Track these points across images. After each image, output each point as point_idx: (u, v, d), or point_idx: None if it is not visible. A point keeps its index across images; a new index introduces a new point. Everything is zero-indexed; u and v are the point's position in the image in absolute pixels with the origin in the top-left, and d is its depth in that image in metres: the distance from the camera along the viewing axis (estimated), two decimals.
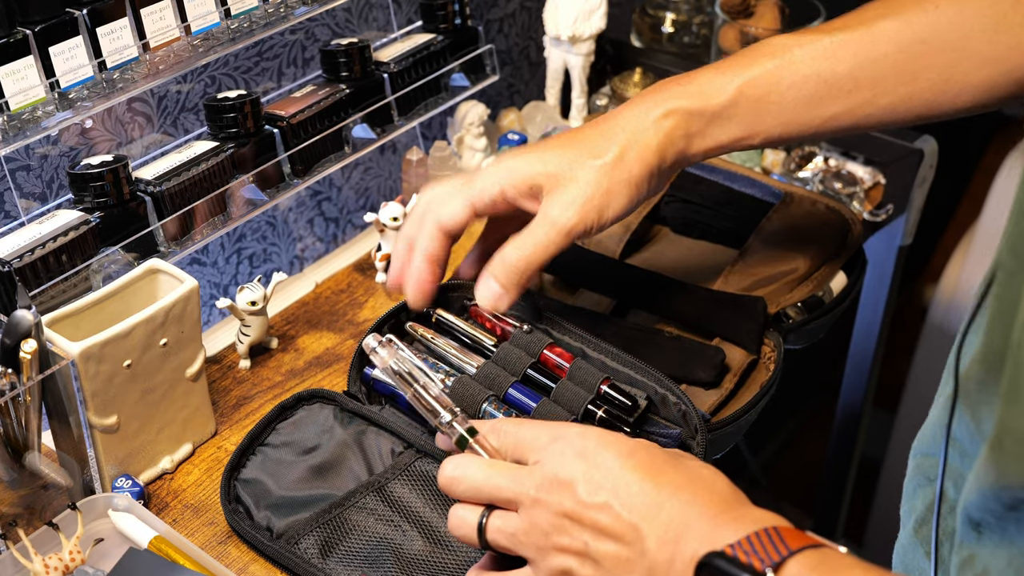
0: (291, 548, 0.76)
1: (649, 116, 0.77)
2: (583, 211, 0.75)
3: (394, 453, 0.83)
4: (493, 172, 0.77)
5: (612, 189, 0.75)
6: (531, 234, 0.76)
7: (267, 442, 0.84)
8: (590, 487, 0.59)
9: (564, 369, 0.83)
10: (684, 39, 1.49)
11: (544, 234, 0.75)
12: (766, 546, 0.53)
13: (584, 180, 0.75)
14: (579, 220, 0.75)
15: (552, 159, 0.76)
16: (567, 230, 0.75)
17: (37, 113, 0.85)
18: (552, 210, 0.75)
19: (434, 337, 0.91)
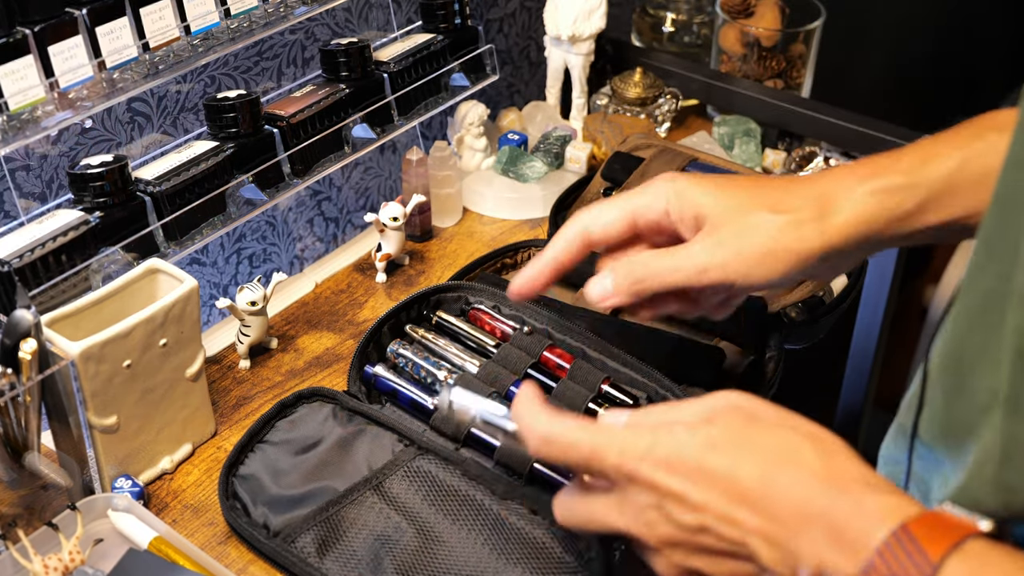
0: (288, 546, 0.76)
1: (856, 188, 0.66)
2: (729, 261, 0.66)
3: (393, 451, 0.82)
4: (663, 188, 0.69)
5: (775, 251, 0.66)
6: (669, 255, 0.68)
7: (266, 439, 0.84)
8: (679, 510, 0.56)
9: (565, 369, 0.83)
10: (684, 39, 1.49)
11: (679, 264, 0.67)
12: (903, 562, 0.48)
13: (748, 231, 0.66)
14: (721, 266, 0.66)
15: (726, 197, 0.67)
16: (703, 270, 0.66)
17: (37, 113, 0.85)
18: (699, 247, 0.67)
19: (435, 338, 0.91)
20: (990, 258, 0.50)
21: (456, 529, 0.76)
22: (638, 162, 1.09)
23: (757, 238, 0.66)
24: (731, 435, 0.56)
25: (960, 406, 0.54)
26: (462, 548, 0.75)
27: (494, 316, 0.94)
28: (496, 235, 1.15)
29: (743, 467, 0.55)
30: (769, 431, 0.56)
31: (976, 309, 0.52)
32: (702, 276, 0.67)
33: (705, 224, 0.67)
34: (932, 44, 2.12)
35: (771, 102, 1.27)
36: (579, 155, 1.21)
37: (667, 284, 0.68)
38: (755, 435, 0.56)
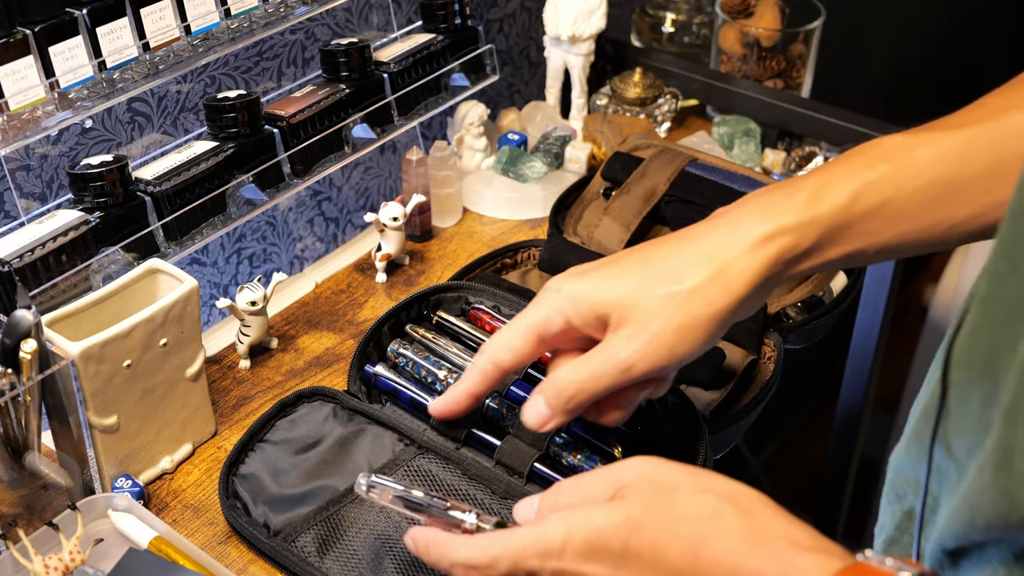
0: (288, 545, 0.76)
1: (745, 239, 0.65)
2: (648, 349, 0.65)
3: (394, 450, 0.82)
4: (555, 300, 0.68)
5: (686, 324, 0.65)
6: (588, 363, 0.67)
7: (267, 438, 0.84)
8: None
9: None
10: (684, 39, 1.49)
11: (601, 366, 0.66)
12: None
13: (654, 313, 0.65)
14: (642, 358, 0.65)
15: (619, 284, 0.67)
16: (626, 368, 0.66)
17: (37, 113, 0.85)
18: (615, 344, 0.66)
19: (435, 338, 0.91)
20: (1014, 269, 0.49)
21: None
22: (638, 162, 1.09)
23: (665, 318, 0.65)
24: (650, 511, 0.55)
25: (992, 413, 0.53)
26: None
27: (494, 316, 0.94)
28: (496, 235, 1.15)
29: (670, 542, 0.54)
30: (687, 499, 0.55)
31: (1002, 319, 0.51)
32: (628, 373, 0.66)
33: (610, 321, 0.66)
34: (932, 44, 2.12)
35: (771, 102, 1.27)
36: (579, 155, 1.21)
37: (598, 391, 0.67)
38: (674, 507, 0.55)
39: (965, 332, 0.54)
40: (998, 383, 0.51)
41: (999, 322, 0.51)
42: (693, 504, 0.55)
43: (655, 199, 1.05)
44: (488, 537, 0.60)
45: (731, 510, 0.54)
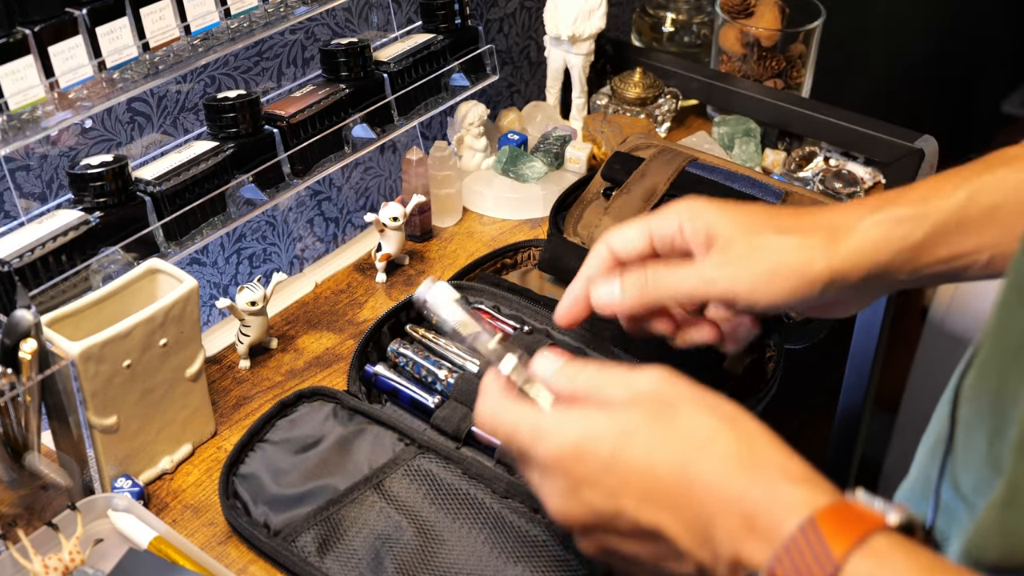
0: (288, 545, 0.76)
1: (866, 217, 0.67)
2: (734, 279, 0.67)
3: (394, 450, 0.82)
4: (679, 207, 0.71)
5: (779, 272, 0.66)
6: (677, 272, 0.69)
7: (267, 438, 0.84)
8: (596, 495, 0.57)
9: None
10: (684, 39, 1.49)
11: (686, 279, 0.69)
12: (807, 559, 0.48)
13: (755, 251, 0.67)
14: (724, 283, 0.67)
15: (738, 218, 0.69)
16: (708, 284, 0.68)
17: (37, 113, 0.85)
18: (708, 265, 0.68)
19: (435, 337, 0.91)
20: (1019, 299, 0.49)
21: (456, 528, 0.76)
22: (638, 162, 1.08)
23: (764, 257, 0.67)
24: (647, 422, 0.56)
25: (998, 450, 0.53)
26: (462, 547, 0.75)
27: (494, 316, 0.94)
28: (496, 235, 1.15)
29: (660, 454, 0.55)
30: (688, 417, 0.56)
31: (1012, 351, 0.51)
32: (708, 288, 0.68)
33: (716, 243, 0.68)
34: (932, 44, 2.12)
35: (771, 102, 1.27)
36: (579, 155, 1.21)
37: (674, 294, 0.70)
38: (673, 422, 0.56)
39: (975, 366, 0.54)
40: (1006, 418, 0.50)
41: (1009, 354, 0.50)
42: (692, 424, 0.56)
43: (655, 199, 1.05)
44: (504, 403, 0.62)
45: (729, 434, 0.55)
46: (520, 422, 0.61)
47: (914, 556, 0.48)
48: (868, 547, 0.48)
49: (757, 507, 0.51)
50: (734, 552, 0.52)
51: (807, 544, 0.49)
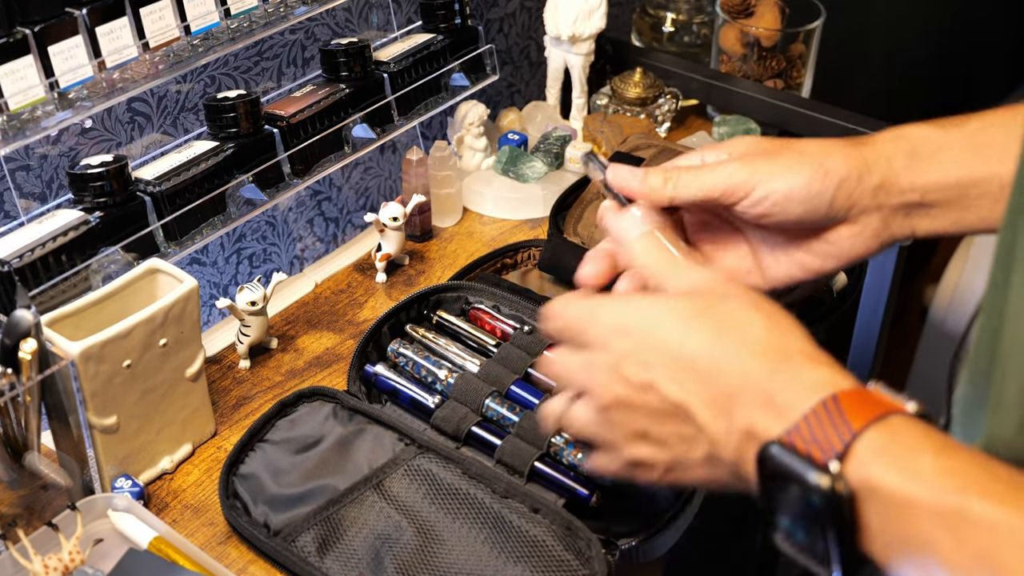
0: (288, 545, 0.76)
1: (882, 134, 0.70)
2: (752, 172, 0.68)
3: (394, 450, 0.82)
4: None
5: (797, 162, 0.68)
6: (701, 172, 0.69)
7: (267, 438, 0.84)
8: (634, 366, 0.59)
9: None
10: (684, 39, 1.49)
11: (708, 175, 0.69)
12: (826, 428, 0.50)
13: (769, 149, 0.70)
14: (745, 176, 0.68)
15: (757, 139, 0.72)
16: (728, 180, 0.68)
17: (37, 113, 0.85)
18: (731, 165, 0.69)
19: (435, 337, 0.91)
20: (1007, 280, 0.50)
21: (456, 528, 0.76)
22: (638, 162, 1.08)
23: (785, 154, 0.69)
24: (687, 307, 0.60)
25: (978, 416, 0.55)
26: (462, 547, 0.75)
27: (494, 316, 0.94)
28: (496, 235, 1.15)
29: (692, 335, 0.58)
30: (728, 304, 0.59)
31: (998, 328, 0.52)
32: (729, 179, 0.68)
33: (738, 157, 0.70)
34: (932, 44, 2.12)
35: (771, 102, 1.27)
36: (579, 155, 1.21)
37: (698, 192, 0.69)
38: (711, 308, 0.59)
39: (973, 343, 0.55)
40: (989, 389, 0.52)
41: (995, 331, 0.52)
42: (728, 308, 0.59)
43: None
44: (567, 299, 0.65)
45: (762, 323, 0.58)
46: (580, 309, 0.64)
47: (928, 434, 0.50)
48: (885, 423, 0.50)
49: (779, 385, 0.53)
50: (749, 423, 0.54)
51: (827, 415, 0.50)
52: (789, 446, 0.51)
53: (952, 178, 0.68)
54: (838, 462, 0.49)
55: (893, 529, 0.48)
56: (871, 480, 0.49)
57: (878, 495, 0.49)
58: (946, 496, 0.47)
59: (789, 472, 0.50)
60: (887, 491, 0.48)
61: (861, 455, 0.49)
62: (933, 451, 0.49)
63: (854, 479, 0.49)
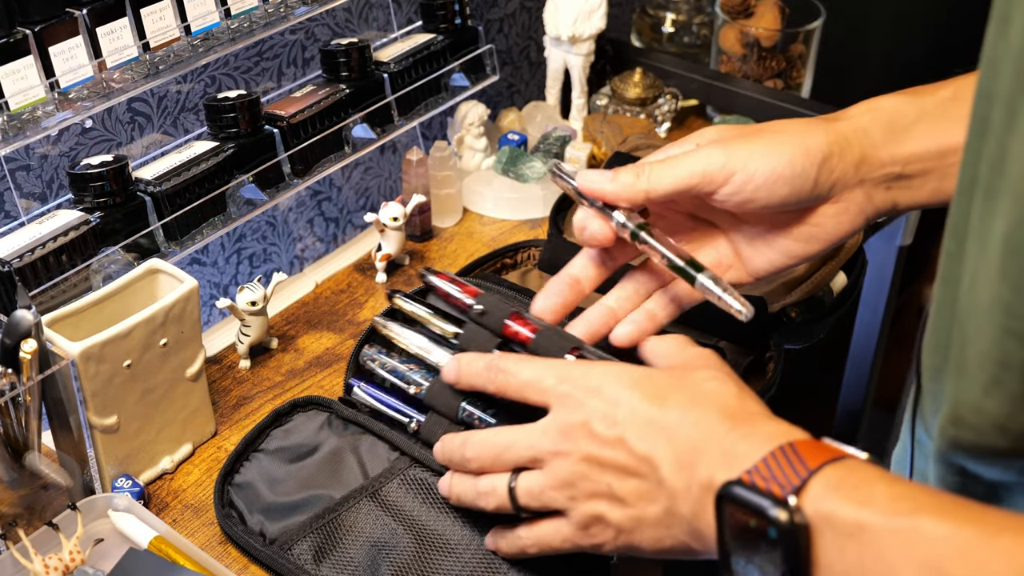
0: (284, 554, 0.76)
1: (857, 107, 0.70)
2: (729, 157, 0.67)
3: (389, 459, 0.82)
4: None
5: (777, 142, 0.67)
6: (676, 161, 0.68)
7: (262, 448, 0.84)
8: (603, 423, 0.61)
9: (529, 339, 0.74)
10: (684, 39, 1.49)
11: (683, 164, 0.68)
12: (784, 468, 0.52)
13: (752, 135, 0.69)
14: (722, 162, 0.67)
15: (726, 127, 0.72)
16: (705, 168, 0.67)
17: (37, 113, 0.85)
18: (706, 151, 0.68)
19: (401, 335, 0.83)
20: (960, 250, 0.52)
21: (453, 535, 0.76)
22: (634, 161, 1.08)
23: (763, 137, 0.68)
24: (660, 379, 0.62)
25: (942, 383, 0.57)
26: (460, 554, 0.75)
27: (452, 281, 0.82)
28: (496, 235, 1.15)
29: (667, 400, 0.60)
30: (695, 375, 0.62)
31: (950, 297, 0.53)
32: (706, 166, 0.67)
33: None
34: (932, 43, 2.12)
35: (771, 102, 1.27)
36: (579, 155, 1.21)
37: (674, 183, 0.68)
38: (681, 381, 0.62)
39: (932, 313, 0.57)
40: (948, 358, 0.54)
41: (952, 301, 0.53)
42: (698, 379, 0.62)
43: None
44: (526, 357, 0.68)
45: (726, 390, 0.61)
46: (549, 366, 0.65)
47: (879, 471, 0.52)
48: (840, 462, 0.52)
49: (738, 439, 0.56)
50: (709, 475, 0.56)
51: (784, 457, 0.53)
52: (750, 484, 0.53)
53: (931, 147, 0.68)
54: (795, 496, 0.51)
55: (849, 558, 0.50)
56: (827, 512, 0.50)
57: (834, 525, 0.50)
58: (899, 519, 0.48)
59: (749, 507, 0.52)
60: (842, 520, 0.50)
61: (817, 490, 0.51)
62: (886, 481, 0.51)
63: (811, 512, 0.51)
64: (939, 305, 0.55)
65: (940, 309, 0.55)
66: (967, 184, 0.51)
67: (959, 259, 0.52)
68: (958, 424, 0.52)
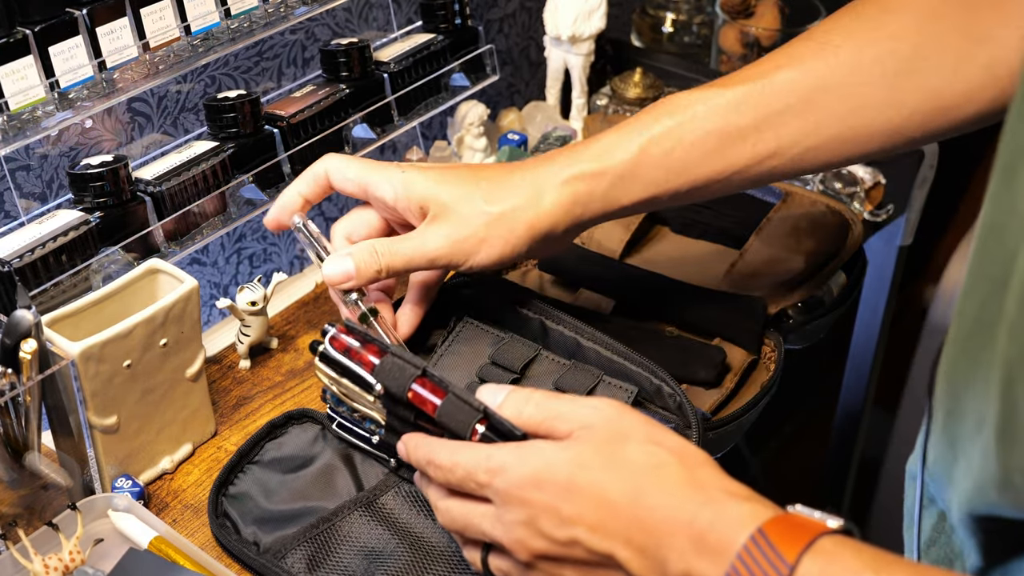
0: (278, 563, 0.75)
1: (555, 178, 0.77)
2: (453, 248, 0.77)
3: (384, 471, 0.81)
4: (395, 177, 0.79)
5: (488, 240, 0.77)
6: (401, 244, 0.78)
7: (256, 459, 0.84)
8: (551, 523, 0.58)
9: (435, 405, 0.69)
10: (684, 39, 1.49)
11: (412, 250, 0.78)
12: (762, 564, 0.51)
13: (467, 220, 0.77)
14: (446, 254, 0.78)
15: (450, 189, 0.78)
16: (431, 258, 0.78)
17: (37, 113, 0.85)
18: (428, 235, 0.78)
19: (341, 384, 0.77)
20: (975, 286, 0.52)
21: (447, 546, 0.75)
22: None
23: (475, 229, 0.77)
24: (600, 453, 0.59)
25: (953, 430, 0.57)
26: (454, 566, 0.74)
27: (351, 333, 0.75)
28: None
29: (612, 483, 0.57)
30: (636, 447, 0.59)
31: (964, 335, 0.53)
32: (432, 264, 0.78)
33: (429, 214, 0.78)
34: None
35: None
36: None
37: (400, 271, 0.79)
38: (623, 452, 0.59)
39: (944, 351, 0.56)
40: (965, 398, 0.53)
41: (963, 337, 0.53)
42: (641, 453, 0.59)
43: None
44: (456, 446, 0.64)
45: (675, 463, 0.58)
46: (477, 460, 0.62)
47: (858, 551, 0.51)
48: (816, 548, 0.51)
49: (707, 526, 0.54)
50: (685, 569, 0.54)
51: (759, 552, 0.52)
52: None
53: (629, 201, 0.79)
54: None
55: None
56: None
57: None
58: None
59: None
60: None
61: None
62: (872, 569, 0.50)
63: None
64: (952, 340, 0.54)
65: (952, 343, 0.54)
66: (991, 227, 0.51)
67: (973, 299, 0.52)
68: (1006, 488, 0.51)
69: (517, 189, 0.77)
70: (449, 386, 0.68)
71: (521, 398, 0.64)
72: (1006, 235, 0.49)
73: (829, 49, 0.75)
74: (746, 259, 0.99)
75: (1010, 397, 0.49)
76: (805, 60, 0.76)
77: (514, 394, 0.64)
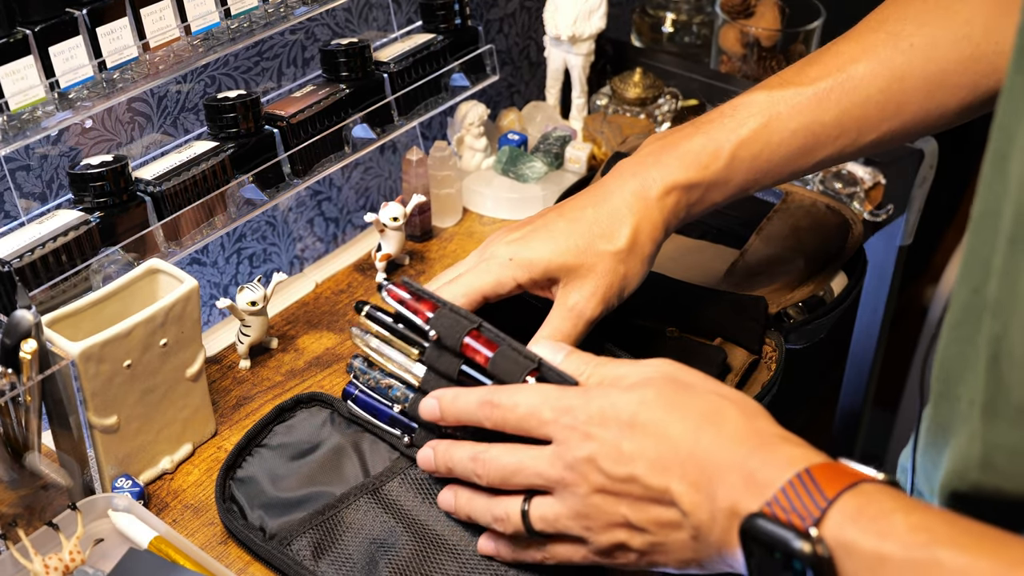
0: (283, 549, 0.76)
1: (651, 193, 0.78)
2: (605, 299, 0.77)
3: (390, 457, 0.82)
4: (504, 270, 0.77)
5: (629, 273, 0.78)
6: (557, 325, 0.77)
7: (264, 443, 0.84)
8: (610, 459, 0.61)
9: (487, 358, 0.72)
10: (684, 39, 1.49)
11: (571, 325, 0.76)
12: (803, 498, 0.53)
13: (603, 270, 0.77)
14: (603, 308, 0.77)
15: (564, 247, 0.77)
16: (590, 320, 0.77)
17: (37, 113, 0.85)
18: (574, 301, 0.77)
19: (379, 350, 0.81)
20: (968, 272, 0.53)
21: (452, 534, 0.76)
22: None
23: (611, 272, 0.77)
24: (663, 397, 0.62)
25: (943, 413, 0.58)
26: (459, 554, 0.75)
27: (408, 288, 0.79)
28: None
29: (673, 424, 0.60)
30: (699, 396, 0.63)
31: (956, 320, 0.55)
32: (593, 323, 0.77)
33: (560, 279, 0.77)
34: None
35: None
36: (579, 155, 1.21)
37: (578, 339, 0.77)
38: (685, 398, 0.62)
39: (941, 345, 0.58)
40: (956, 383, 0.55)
41: (954, 324, 0.55)
42: (703, 401, 0.62)
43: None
44: (517, 387, 0.67)
45: (735, 411, 0.61)
46: (544, 397, 0.65)
47: (896, 497, 0.53)
48: (857, 489, 0.53)
49: (759, 464, 0.57)
50: (732, 504, 0.56)
51: (802, 486, 0.54)
52: (771, 516, 0.54)
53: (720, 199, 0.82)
54: (816, 528, 0.52)
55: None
56: (847, 542, 0.52)
57: (855, 555, 0.51)
58: (918, 551, 0.50)
59: (773, 540, 0.53)
60: (863, 551, 0.51)
61: (837, 519, 0.52)
62: (903, 511, 0.52)
63: (832, 542, 0.52)
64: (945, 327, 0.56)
65: (945, 330, 0.56)
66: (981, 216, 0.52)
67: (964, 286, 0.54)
68: (987, 469, 0.54)
69: (626, 216, 0.78)
70: (504, 339, 0.71)
71: (582, 359, 0.68)
72: (999, 221, 0.50)
73: (903, 38, 0.78)
74: (746, 259, 0.99)
75: (995, 374, 0.51)
76: (878, 51, 0.79)
77: (575, 354, 0.69)
